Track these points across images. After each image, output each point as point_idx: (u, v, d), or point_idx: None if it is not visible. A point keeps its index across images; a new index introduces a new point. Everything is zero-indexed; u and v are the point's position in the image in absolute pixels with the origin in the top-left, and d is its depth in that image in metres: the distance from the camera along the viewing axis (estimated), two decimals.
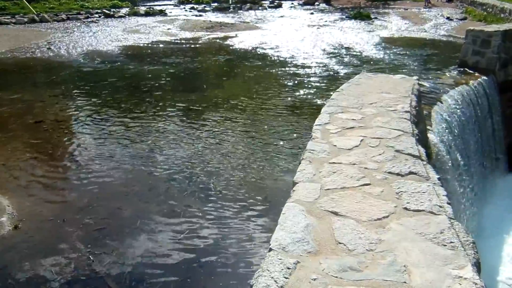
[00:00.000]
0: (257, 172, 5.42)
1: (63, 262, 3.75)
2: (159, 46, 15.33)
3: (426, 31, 17.95)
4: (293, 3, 30.89)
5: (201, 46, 15.64)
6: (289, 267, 1.67)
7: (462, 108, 6.45)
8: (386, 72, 9.44)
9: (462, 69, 8.09)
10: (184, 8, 28.42)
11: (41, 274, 3.61)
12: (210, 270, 3.68)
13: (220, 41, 16.45)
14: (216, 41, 16.51)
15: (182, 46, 15.36)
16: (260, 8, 28.60)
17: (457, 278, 1.60)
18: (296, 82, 9.88)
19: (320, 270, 1.67)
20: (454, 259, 1.71)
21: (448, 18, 20.54)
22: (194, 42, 16.33)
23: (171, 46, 15.26)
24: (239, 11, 27.24)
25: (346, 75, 9.99)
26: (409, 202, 2.16)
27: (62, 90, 9.21)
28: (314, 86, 9.48)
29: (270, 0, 30.96)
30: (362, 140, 2.99)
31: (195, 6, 28.48)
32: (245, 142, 6.37)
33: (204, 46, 15.65)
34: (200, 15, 24.54)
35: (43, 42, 15.60)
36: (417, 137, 3.10)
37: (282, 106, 8.01)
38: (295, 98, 8.59)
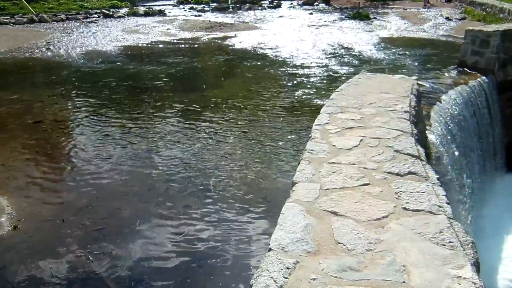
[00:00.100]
0: (256, 172, 5.42)
1: (62, 262, 3.75)
2: (158, 46, 15.32)
3: (425, 31, 17.95)
4: (292, 3, 30.87)
5: (200, 46, 15.63)
6: (288, 267, 1.67)
7: (461, 108, 6.46)
8: (385, 72, 9.45)
9: (461, 69, 8.11)
10: (183, 8, 28.39)
11: (40, 275, 3.61)
12: (209, 270, 3.68)
13: (219, 41, 16.44)
14: (215, 41, 16.50)
15: (181, 46, 15.36)
16: (259, 8, 28.57)
17: (456, 277, 1.61)
18: (295, 82, 9.88)
19: (319, 270, 1.67)
20: (453, 259, 1.71)
21: (447, 18, 20.55)
22: (193, 42, 16.33)
23: (170, 46, 15.26)
24: (238, 11, 27.22)
25: (345, 75, 9.99)
26: (408, 202, 2.16)
27: (61, 90, 9.20)
28: (314, 86, 9.48)
29: (269, 0, 30.95)
30: (361, 140, 3.00)
31: (194, 6, 28.45)
32: (244, 142, 6.37)
33: (203, 46, 15.65)
34: (199, 15, 24.52)
35: (42, 42, 15.59)
36: (416, 137, 3.11)
37: (282, 106, 8.01)
38: (295, 98, 8.59)
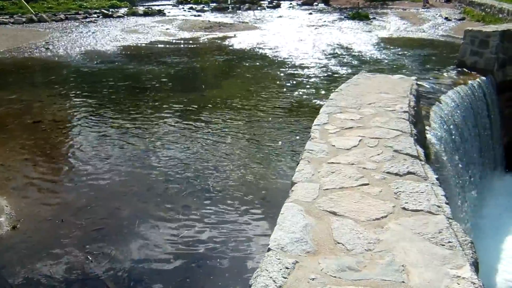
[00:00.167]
0: (255, 172, 5.42)
1: (62, 262, 3.74)
2: (158, 46, 15.32)
3: (424, 32, 17.97)
4: (291, 3, 30.88)
5: (199, 46, 15.63)
6: (287, 267, 1.67)
7: (460, 108, 6.47)
8: (384, 72, 9.45)
9: (460, 69, 8.11)
10: (182, 8, 28.38)
11: (39, 275, 3.60)
12: (209, 270, 3.68)
13: (218, 41, 16.44)
14: (214, 41, 16.50)
15: (180, 46, 15.35)
16: (258, 8, 28.57)
17: (455, 277, 1.61)
18: (294, 82, 9.88)
19: (318, 270, 1.67)
20: (452, 259, 1.71)
21: (446, 19, 20.55)
22: (192, 42, 16.32)
23: (170, 46, 15.25)
24: (238, 11, 27.21)
25: (344, 75, 9.99)
26: (407, 202, 2.16)
27: (60, 90, 9.19)
28: (313, 86, 9.48)
29: (269, 0, 30.95)
30: (360, 140, 3.00)
31: (194, 6, 28.44)
32: (243, 142, 6.37)
33: (202, 46, 15.64)
34: (198, 15, 24.51)
35: (41, 42, 15.57)
36: (415, 137, 3.11)
37: (281, 106, 8.01)
38: (294, 98, 8.59)
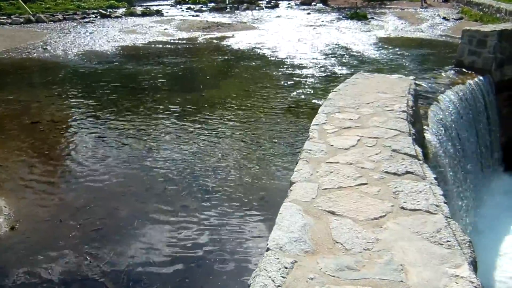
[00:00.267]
0: (254, 172, 5.43)
1: (60, 263, 3.74)
2: (156, 46, 15.30)
3: (422, 31, 17.99)
4: (290, 3, 30.87)
5: (198, 46, 15.62)
6: (286, 267, 1.67)
7: (458, 107, 6.48)
8: (383, 72, 9.47)
9: (458, 69, 8.11)
10: (180, 8, 28.35)
11: (38, 275, 3.60)
12: (208, 270, 3.68)
13: (217, 41, 16.43)
14: (213, 41, 16.49)
15: (179, 46, 15.34)
16: (257, 8, 28.56)
17: (453, 277, 1.61)
18: (293, 82, 9.89)
19: (317, 269, 1.67)
20: (451, 258, 1.72)
21: (444, 18, 20.59)
22: (191, 42, 16.31)
23: (168, 47, 15.24)
24: (236, 11, 27.21)
25: (343, 75, 10.00)
26: (405, 202, 2.16)
27: (59, 91, 9.18)
28: (311, 86, 9.49)
29: (267, 0, 30.94)
30: (359, 139, 3.00)
31: (192, 6, 28.41)
32: (242, 142, 6.37)
33: (201, 46, 15.64)
34: (196, 15, 24.49)
35: (39, 42, 15.54)
36: (413, 136, 3.11)
37: (279, 106, 8.02)
38: (292, 98, 8.60)
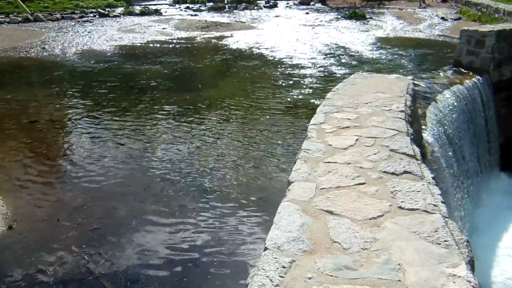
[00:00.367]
0: (252, 171, 5.43)
1: (58, 262, 3.73)
2: (154, 45, 15.28)
3: (421, 31, 18.01)
4: (288, 3, 30.84)
5: (196, 45, 15.61)
6: (284, 266, 1.67)
7: (456, 107, 6.49)
8: (381, 71, 9.47)
9: (456, 69, 8.11)
10: (179, 7, 28.32)
11: (35, 275, 3.59)
12: (206, 270, 3.68)
13: (215, 40, 16.42)
14: (211, 40, 16.48)
15: (177, 46, 15.32)
16: (255, 7, 28.53)
17: (451, 276, 1.61)
18: (291, 82, 9.89)
19: (315, 269, 1.67)
20: (448, 258, 1.72)
21: (442, 18, 20.61)
22: (189, 41, 16.30)
23: (166, 46, 15.22)
24: (235, 11, 27.18)
25: (341, 75, 10.00)
26: (403, 201, 2.16)
27: (57, 90, 9.16)
28: (310, 86, 9.49)
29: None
30: (357, 139, 3.00)
31: (191, 6, 28.37)
32: (240, 142, 6.37)
33: (199, 45, 15.62)
34: (195, 15, 24.46)
35: (37, 41, 15.50)
36: (411, 136, 3.11)
37: (278, 106, 8.02)
38: (291, 97, 8.60)
